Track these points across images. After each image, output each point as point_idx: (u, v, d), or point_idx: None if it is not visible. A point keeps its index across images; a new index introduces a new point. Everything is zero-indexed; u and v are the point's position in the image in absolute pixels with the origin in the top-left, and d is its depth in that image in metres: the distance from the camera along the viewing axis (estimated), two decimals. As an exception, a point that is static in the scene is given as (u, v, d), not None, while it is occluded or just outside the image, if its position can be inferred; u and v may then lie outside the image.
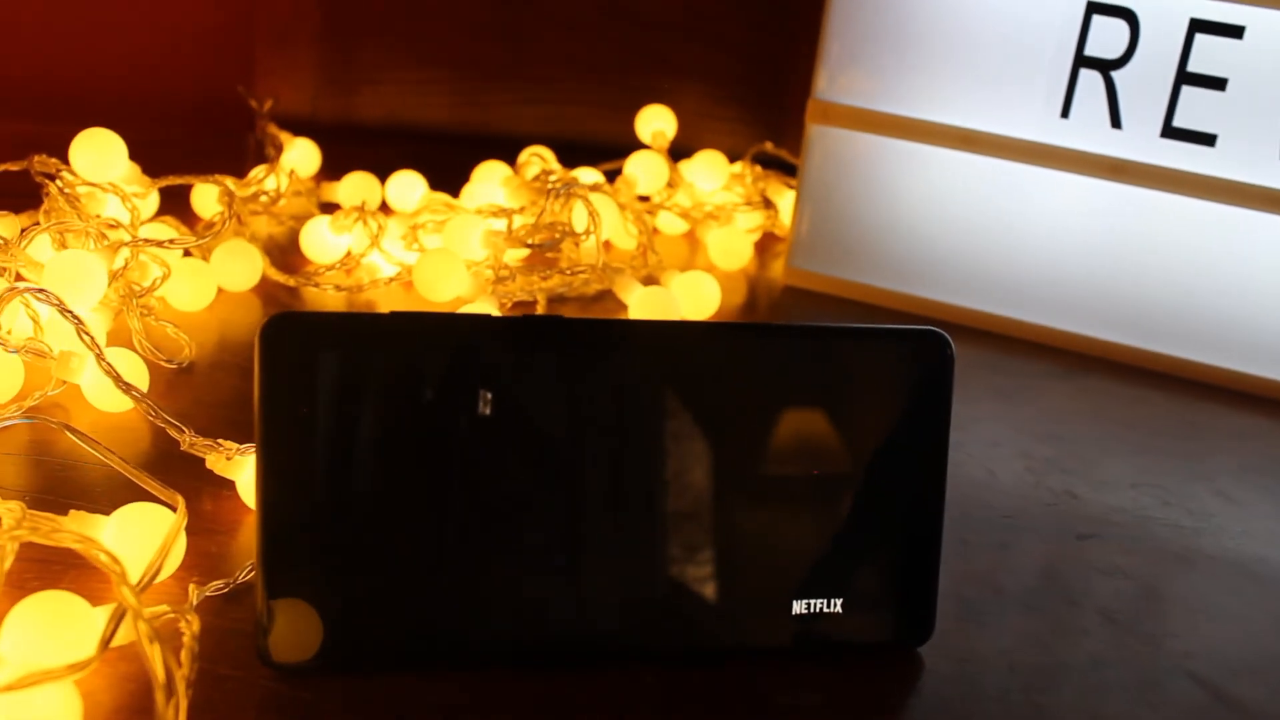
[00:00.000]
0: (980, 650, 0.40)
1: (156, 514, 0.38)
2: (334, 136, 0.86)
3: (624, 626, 0.37)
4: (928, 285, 0.65)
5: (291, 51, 0.86)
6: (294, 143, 0.72)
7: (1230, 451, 0.55)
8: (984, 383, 0.59)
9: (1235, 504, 0.50)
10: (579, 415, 0.36)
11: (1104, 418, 0.57)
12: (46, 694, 0.31)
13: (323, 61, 0.86)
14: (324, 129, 0.88)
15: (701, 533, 0.37)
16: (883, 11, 0.61)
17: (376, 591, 0.35)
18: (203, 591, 0.37)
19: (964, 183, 0.63)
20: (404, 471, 0.35)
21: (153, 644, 0.30)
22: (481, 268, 0.58)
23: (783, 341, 0.37)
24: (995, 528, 0.47)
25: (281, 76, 0.86)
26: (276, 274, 0.59)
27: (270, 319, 0.34)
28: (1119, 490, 0.50)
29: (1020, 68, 0.60)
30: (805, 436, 0.37)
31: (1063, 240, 0.62)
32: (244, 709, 0.34)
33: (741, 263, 0.69)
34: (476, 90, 0.89)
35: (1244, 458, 0.54)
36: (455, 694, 0.35)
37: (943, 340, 0.38)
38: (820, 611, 0.38)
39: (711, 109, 0.88)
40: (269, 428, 0.34)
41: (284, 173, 0.66)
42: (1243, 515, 0.50)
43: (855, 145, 0.64)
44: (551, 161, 0.74)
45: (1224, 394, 0.60)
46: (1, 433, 0.46)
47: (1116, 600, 0.43)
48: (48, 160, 0.55)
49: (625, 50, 0.88)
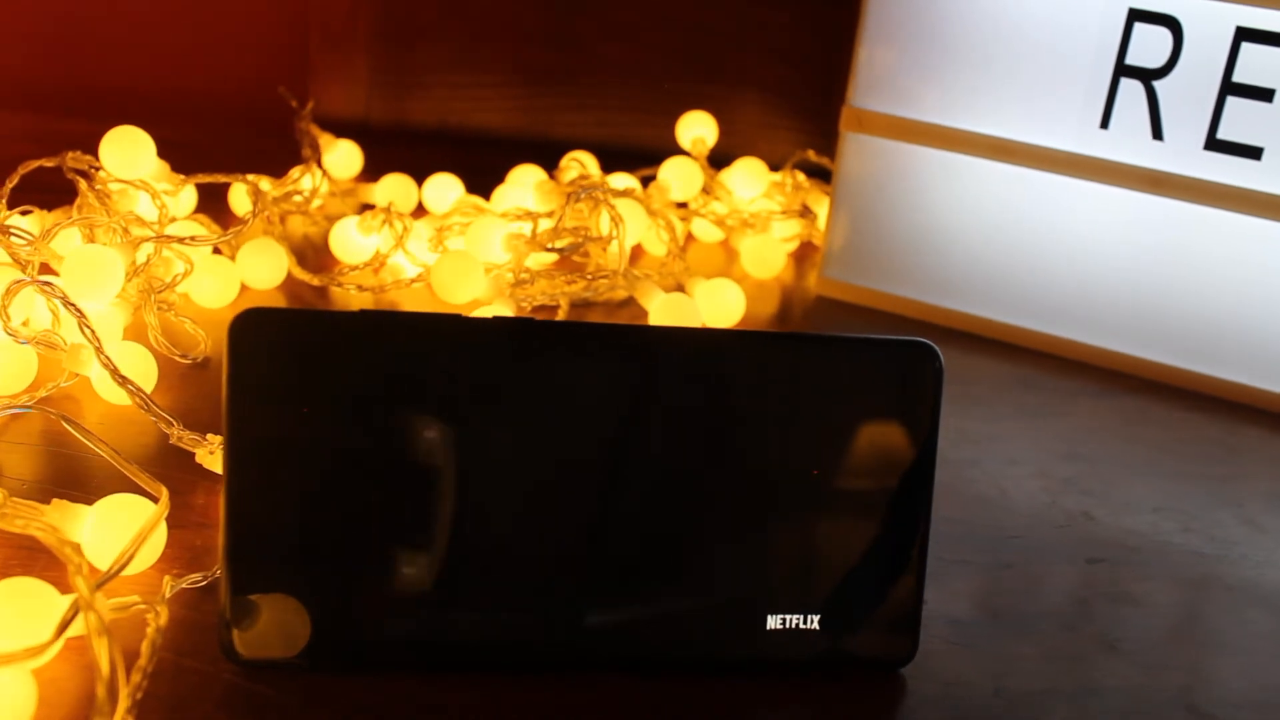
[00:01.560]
0: (967, 674, 0.38)
1: (139, 505, 0.39)
2: (386, 139, 0.88)
3: (595, 634, 0.36)
4: (961, 298, 0.63)
5: (345, 54, 0.87)
6: (336, 144, 0.73)
7: (1266, 477, 0.53)
8: (1011, 399, 0.57)
9: (1262, 532, 0.48)
10: (549, 419, 0.35)
11: (1134, 439, 0.55)
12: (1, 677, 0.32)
13: (376, 65, 0.87)
14: (376, 132, 0.89)
15: (674, 542, 0.36)
16: (919, 18, 0.60)
17: (341, 590, 0.35)
18: (178, 584, 0.38)
19: (1000, 194, 0.61)
20: (370, 470, 0.35)
21: (100, 637, 0.30)
22: (502, 271, 0.58)
23: (764, 349, 0.37)
24: (1000, 548, 0.45)
25: (335, 79, 0.87)
26: (301, 273, 0.59)
27: (240, 313, 0.34)
28: (1139, 514, 0.49)
29: (1059, 76, 0.58)
30: (785, 447, 0.36)
31: (1100, 255, 0.60)
32: (202, 701, 0.34)
33: (775, 271, 0.68)
34: (528, 95, 0.89)
35: (1278, 484, 0.52)
36: (418, 693, 0.35)
37: (930, 352, 0.37)
38: (796, 628, 0.37)
39: (770, 119, 0.87)
40: (236, 422, 0.34)
41: (318, 174, 0.66)
42: (1268, 544, 0.47)
43: (890, 154, 0.63)
44: (592, 167, 0.74)
45: (1267, 417, 0.58)
46: (13, 422, 0.47)
47: (1119, 627, 0.41)
48: (81, 157, 0.56)
49: (677, 58, 0.87)
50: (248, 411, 0.34)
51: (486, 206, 0.66)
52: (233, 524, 0.34)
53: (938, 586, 0.43)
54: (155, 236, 0.52)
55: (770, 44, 0.86)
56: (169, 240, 0.53)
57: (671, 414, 0.36)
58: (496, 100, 0.89)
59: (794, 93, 0.86)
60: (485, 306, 0.56)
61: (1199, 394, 0.59)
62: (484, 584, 0.35)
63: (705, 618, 0.36)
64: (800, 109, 0.87)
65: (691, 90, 0.85)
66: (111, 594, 0.37)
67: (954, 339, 0.63)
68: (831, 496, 0.37)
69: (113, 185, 0.56)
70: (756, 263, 0.68)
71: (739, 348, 0.37)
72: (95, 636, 0.30)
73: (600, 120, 0.88)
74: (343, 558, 0.35)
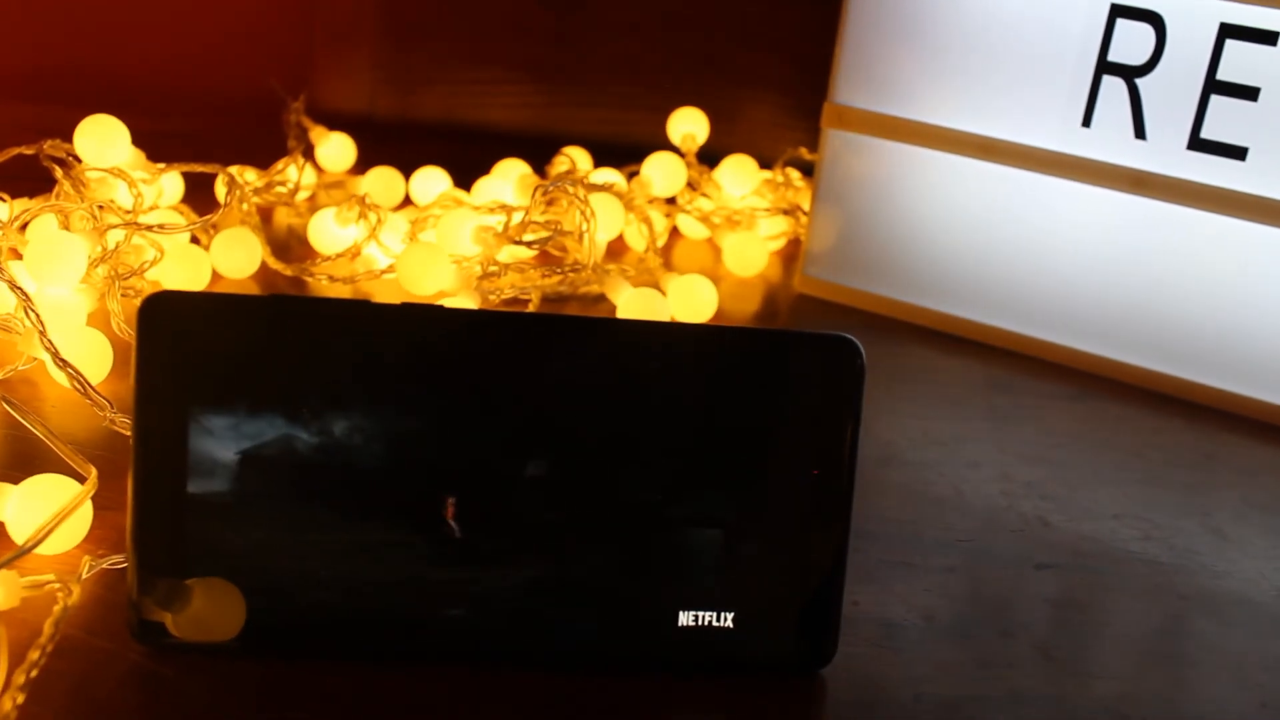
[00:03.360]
0: (889, 678, 0.38)
1: (66, 485, 0.39)
2: (390, 134, 0.88)
3: (503, 626, 0.36)
4: (941, 298, 0.62)
5: (350, 49, 0.87)
6: (329, 137, 0.73)
7: (1238, 486, 0.51)
8: (982, 401, 0.56)
9: (1227, 541, 0.47)
10: (459, 405, 0.35)
11: (1105, 444, 0.53)
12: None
13: (381, 60, 0.88)
14: (380, 127, 0.89)
15: (583, 533, 0.36)
16: (901, 14, 0.59)
17: (244, 573, 0.35)
18: (98, 564, 0.38)
19: (981, 193, 0.60)
20: (272, 453, 0.35)
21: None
22: (471, 263, 0.58)
23: (680, 341, 0.36)
24: (946, 551, 0.45)
25: (340, 73, 0.88)
26: (275, 263, 0.59)
27: (149, 295, 0.34)
28: (1098, 520, 0.48)
29: (1040, 73, 0.57)
30: (700, 440, 0.36)
31: (1081, 255, 0.58)
32: (104, 680, 0.34)
33: (757, 269, 0.67)
34: (533, 92, 0.89)
35: (1250, 493, 0.51)
36: (325, 681, 0.35)
37: (852, 348, 0.36)
38: (709, 625, 0.36)
39: (775, 117, 0.87)
40: (143, 404, 0.34)
41: (303, 165, 0.67)
42: (1230, 554, 0.46)
43: (871, 151, 0.62)
44: (584, 163, 0.74)
45: (1246, 424, 0.56)
46: (-31, 403, 0.47)
47: (1058, 635, 0.40)
48: (60, 145, 0.57)
49: (681, 55, 0.87)
50: (156, 392, 0.34)
51: (466, 199, 0.66)
52: (138, 503, 0.34)
53: (874, 588, 0.42)
54: (123, 224, 0.53)
55: (775, 42, 0.85)
56: (137, 228, 0.53)
57: (582, 403, 0.35)
58: (500, 96, 0.89)
59: (797, 91, 0.85)
60: (450, 298, 0.56)
61: (1178, 399, 0.58)
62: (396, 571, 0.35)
63: (613, 612, 0.36)
64: (804, 108, 0.86)
65: (695, 88, 0.85)
66: (29, 572, 0.37)
67: (932, 339, 0.62)
68: (747, 491, 0.36)
69: (90, 174, 0.57)
70: (738, 260, 0.67)
71: (653, 338, 0.36)
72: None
73: (603, 118, 0.88)
74: (246, 540, 0.35)
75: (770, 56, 0.86)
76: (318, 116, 0.75)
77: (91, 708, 0.33)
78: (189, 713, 0.33)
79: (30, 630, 0.35)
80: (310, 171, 0.70)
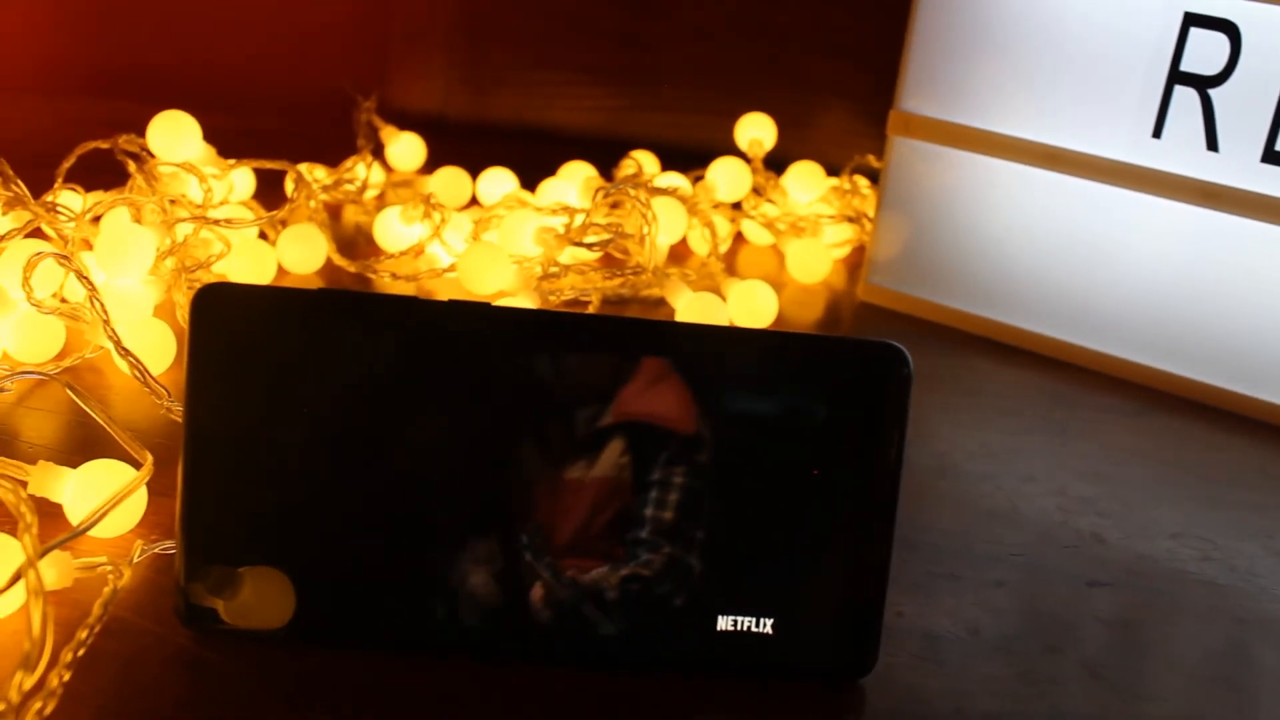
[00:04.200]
0: (929, 690, 0.37)
1: (122, 471, 0.40)
2: (461, 135, 0.89)
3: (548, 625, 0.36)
4: (1004, 309, 0.61)
5: (424, 50, 0.88)
6: (399, 136, 0.74)
7: (1305, 508, 0.50)
8: (1041, 414, 0.55)
9: (1289, 565, 0.46)
10: (505, 403, 0.35)
11: (1166, 461, 0.52)
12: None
13: (455, 61, 0.88)
14: (452, 127, 0.90)
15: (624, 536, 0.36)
16: (968, 20, 0.59)
17: (293, 562, 0.36)
18: (150, 548, 0.39)
19: (1047, 203, 0.59)
20: (324, 445, 0.35)
21: (36, 596, 0.31)
22: (532, 264, 0.58)
23: (727, 345, 0.36)
24: (996, 564, 0.44)
25: (413, 73, 0.89)
26: (340, 259, 0.60)
27: (202, 287, 0.35)
28: (1155, 539, 0.47)
29: (1110, 83, 0.56)
30: (745, 444, 0.36)
31: (1148, 269, 0.57)
32: (147, 662, 0.35)
33: (820, 276, 0.67)
34: (604, 95, 0.89)
35: (1317, 516, 0.49)
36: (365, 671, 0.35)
37: (900, 356, 0.36)
38: (749, 630, 0.36)
39: (847, 124, 0.86)
40: (195, 394, 0.35)
41: (370, 164, 0.68)
42: (1292, 578, 0.45)
43: (937, 159, 0.61)
44: (651, 167, 0.74)
45: (1316, 446, 0.55)
46: (38, 389, 0.49)
47: (1107, 654, 0.40)
48: (134, 140, 0.58)
49: (756, 61, 0.87)
50: (207, 382, 0.35)
51: (530, 201, 0.66)
52: (188, 491, 0.35)
53: (920, 599, 0.41)
54: (191, 218, 0.54)
55: (848, 49, 0.85)
56: (205, 222, 0.54)
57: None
58: (572, 99, 0.89)
59: (869, 99, 0.84)
60: (510, 298, 0.56)
61: (1243, 417, 0.56)
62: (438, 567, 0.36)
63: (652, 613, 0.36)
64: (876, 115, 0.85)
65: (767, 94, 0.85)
66: (83, 554, 0.38)
67: (993, 351, 0.61)
68: (790, 497, 0.36)
69: (163, 168, 0.58)
70: (801, 267, 0.67)
71: (699, 342, 0.36)
72: (31, 595, 0.31)
73: (674, 122, 0.88)
74: (295, 531, 0.35)
75: (843, 63, 0.86)
76: (391, 116, 0.76)
77: (136, 688, 0.34)
78: (232, 697, 0.34)
79: (81, 610, 0.36)
80: (379, 170, 0.71)
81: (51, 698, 0.32)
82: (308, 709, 0.34)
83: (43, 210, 0.51)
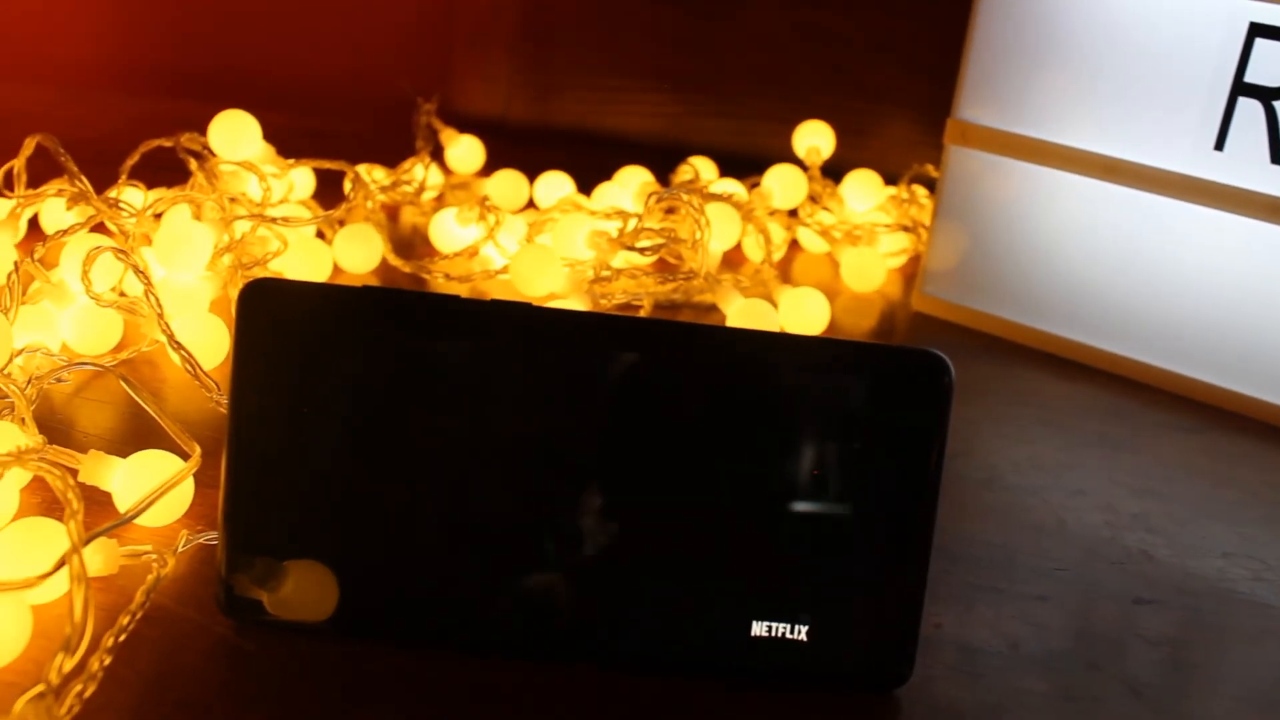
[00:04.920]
0: (964, 702, 0.37)
1: (170, 461, 0.41)
2: (523, 138, 0.89)
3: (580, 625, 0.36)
4: (1060, 322, 0.60)
5: (487, 53, 0.89)
6: (459, 139, 0.75)
7: (1364, 531, 0.49)
8: (1095, 429, 0.54)
9: (1345, 589, 0.45)
10: (547, 406, 0.36)
11: (1222, 479, 0.51)
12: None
13: (517, 65, 0.89)
14: (515, 131, 0.91)
15: (662, 538, 0.36)
16: (1028, 29, 0.58)
17: (334, 556, 0.36)
18: (195, 539, 0.39)
19: (1106, 215, 0.58)
20: (366, 441, 0.36)
21: (79, 583, 0.32)
22: (585, 267, 0.58)
23: (763, 349, 0.36)
24: (1040, 579, 0.43)
25: (476, 77, 0.89)
26: (395, 259, 0.61)
27: (249, 282, 0.36)
28: (1206, 558, 0.46)
29: (1172, 94, 0.55)
30: (783, 449, 0.36)
31: (1208, 283, 0.56)
32: (186, 650, 0.36)
33: (874, 285, 0.67)
34: (668, 101, 0.89)
35: (1377, 540, 0.48)
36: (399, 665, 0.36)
37: (940, 365, 0.36)
38: (783, 637, 0.36)
39: (912, 134, 0.85)
40: (240, 387, 0.36)
41: (428, 165, 0.68)
42: (1347, 602, 0.44)
43: (994, 169, 0.61)
44: (709, 173, 0.74)
45: (1380, 468, 0.53)
46: (96, 381, 0.50)
47: (1150, 672, 0.39)
48: (196, 138, 0.59)
49: (818, 69, 0.86)
50: (252, 375, 0.36)
51: (585, 204, 0.66)
52: (231, 483, 0.36)
53: (959, 611, 0.41)
54: (248, 215, 0.55)
55: (911, 58, 0.84)
56: (262, 220, 0.55)
57: (670, 410, 0.36)
58: (634, 104, 0.90)
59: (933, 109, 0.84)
60: (560, 300, 0.57)
61: (1306, 438, 0.55)
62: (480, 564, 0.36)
63: (687, 616, 0.36)
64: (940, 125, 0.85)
65: (830, 102, 0.84)
66: (129, 542, 0.39)
67: (1049, 364, 0.60)
68: (827, 505, 0.36)
69: (223, 167, 0.59)
70: (856, 275, 0.66)
71: (738, 346, 0.36)
72: (74, 580, 0.32)
73: (736, 129, 0.88)
74: (336, 525, 0.36)
75: (907, 72, 0.85)
76: (454, 119, 0.77)
77: (175, 674, 0.35)
78: (269, 686, 0.35)
79: (126, 597, 0.36)
80: (437, 172, 0.72)
81: (92, 681, 0.32)
82: (344, 699, 0.34)
83: (104, 205, 0.52)
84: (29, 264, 0.48)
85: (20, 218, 0.55)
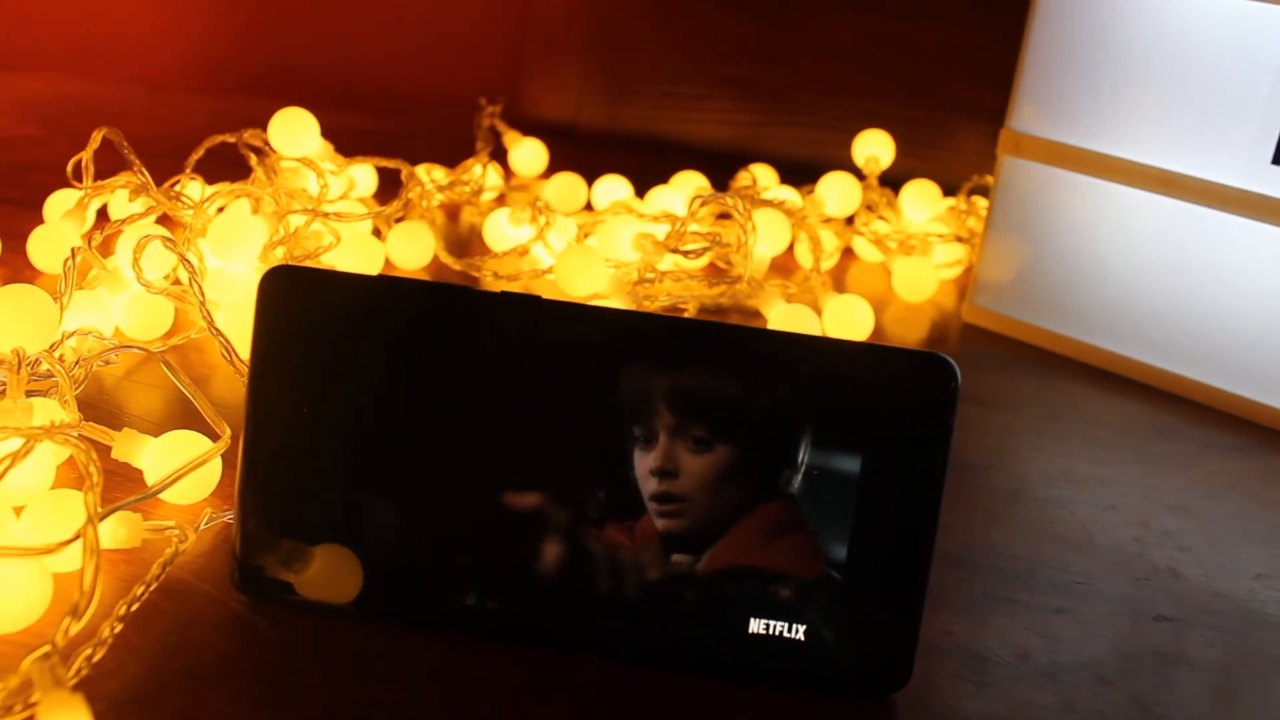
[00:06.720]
0: (964, 711, 0.36)
1: (201, 443, 0.42)
2: (594, 143, 0.90)
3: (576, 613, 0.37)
4: (1110, 336, 0.59)
5: (559, 58, 0.90)
6: (521, 142, 0.76)
7: None
8: (1135, 445, 0.53)
9: (1382, 616, 0.43)
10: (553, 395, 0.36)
11: (1263, 500, 0.50)
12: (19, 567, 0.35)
13: (588, 70, 0.90)
14: (585, 136, 0.92)
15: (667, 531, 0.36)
16: (1083, 40, 0.57)
17: (347, 537, 0.37)
18: (218, 517, 0.41)
19: (1160, 229, 0.57)
20: (381, 425, 0.37)
21: (91, 554, 0.33)
22: (630, 269, 0.59)
23: (773, 349, 0.36)
24: (1058, 591, 0.43)
25: (548, 82, 0.91)
26: (446, 256, 0.62)
27: (270, 269, 0.37)
28: (1237, 578, 0.45)
29: (1229, 106, 0.54)
30: (785, 447, 0.36)
31: (1263, 300, 0.55)
32: (199, 622, 0.37)
33: (925, 295, 0.66)
34: (737, 109, 0.90)
35: None
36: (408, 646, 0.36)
37: (947, 369, 0.35)
38: (780, 635, 0.36)
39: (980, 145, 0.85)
40: (259, 370, 0.37)
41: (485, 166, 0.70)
42: (1382, 629, 0.42)
43: (1047, 180, 0.60)
44: (767, 179, 0.74)
45: None
46: (144, 365, 0.52)
47: (1164, 691, 0.38)
48: (258, 134, 0.61)
49: (885, 79, 0.86)
50: (271, 360, 0.37)
51: (636, 207, 0.67)
52: (248, 462, 0.37)
53: (971, 620, 0.41)
54: (302, 210, 0.56)
55: (978, 69, 0.84)
56: (315, 214, 0.57)
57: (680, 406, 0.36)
58: (703, 111, 0.90)
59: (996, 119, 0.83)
60: (603, 301, 0.57)
61: (1358, 462, 0.53)
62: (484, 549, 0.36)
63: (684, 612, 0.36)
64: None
65: (896, 112, 0.84)
66: (155, 518, 0.40)
67: (1095, 378, 0.59)
68: (828, 505, 0.36)
69: (284, 163, 0.61)
70: (907, 285, 0.66)
71: (745, 344, 0.36)
72: (86, 549, 0.33)
73: (803, 137, 0.88)
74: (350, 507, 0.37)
75: (973, 83, 0.84)
76: (525, 123, 0.78)
77: (186, 645, 0.36)
78: (277, 660, 0.35)
79: (147, 569, 0.38)
80: (496, 173, 0.73)
81: (101, 646, 0.34)
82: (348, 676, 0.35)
83: (163, 197, 0.54)
84: (86, 251, 0.50)
85: (88, 208, 0.57)
